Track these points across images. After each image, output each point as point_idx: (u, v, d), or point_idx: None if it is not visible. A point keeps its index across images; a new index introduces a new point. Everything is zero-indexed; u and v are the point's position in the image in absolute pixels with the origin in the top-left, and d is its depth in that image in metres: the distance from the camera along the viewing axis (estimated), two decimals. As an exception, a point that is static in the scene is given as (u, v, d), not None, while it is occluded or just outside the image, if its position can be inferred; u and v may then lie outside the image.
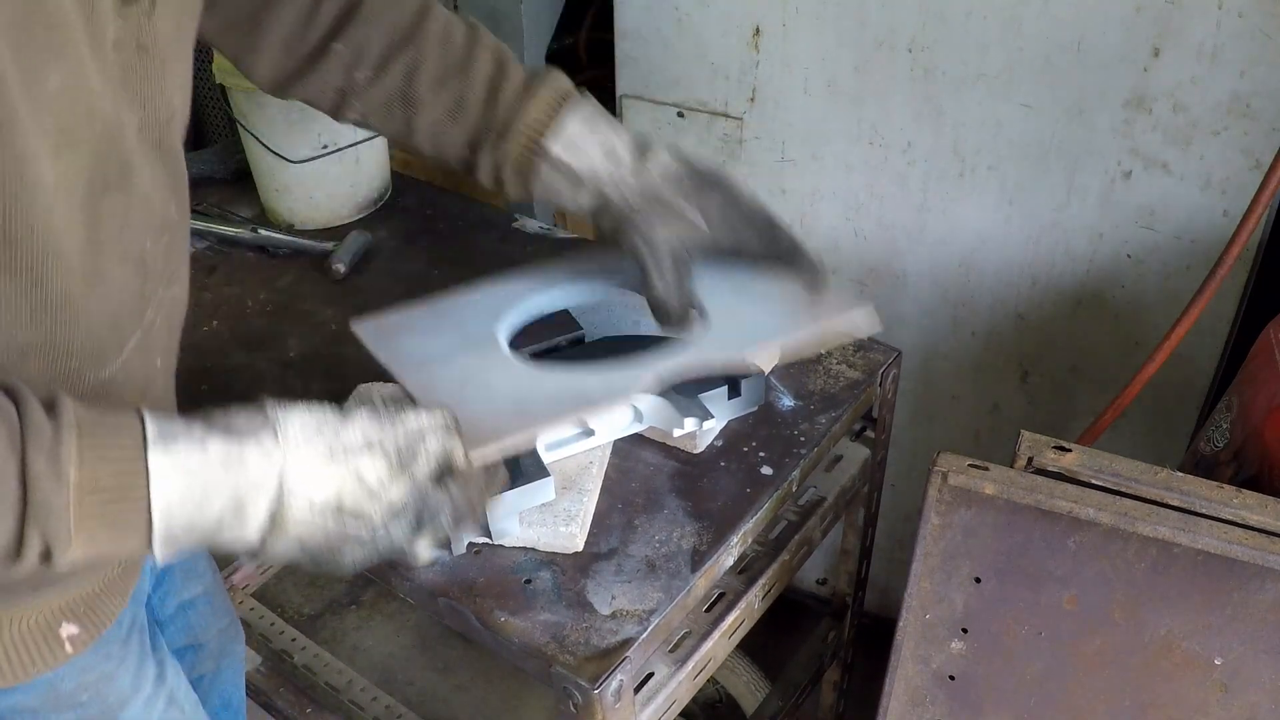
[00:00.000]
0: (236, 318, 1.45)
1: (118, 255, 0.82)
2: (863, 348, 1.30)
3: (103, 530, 0.70)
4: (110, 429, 0.72)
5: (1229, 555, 0.93)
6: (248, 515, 0.74)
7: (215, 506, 0.73)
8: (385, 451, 0.78)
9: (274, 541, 0.76)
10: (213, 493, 0.73)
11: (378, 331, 1.09)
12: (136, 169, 0.82)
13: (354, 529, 0.77)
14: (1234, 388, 1.21)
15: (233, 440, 0.74)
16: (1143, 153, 1.45)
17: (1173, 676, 1.01)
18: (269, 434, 0.75)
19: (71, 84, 0.71)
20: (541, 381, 0.97)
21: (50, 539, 0.68)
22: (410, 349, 1.05)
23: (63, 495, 0.68)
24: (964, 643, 1.08)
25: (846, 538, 1.49)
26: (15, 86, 0.67)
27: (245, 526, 0.75)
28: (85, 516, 0.69)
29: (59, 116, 0.71)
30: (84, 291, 0.79)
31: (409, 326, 1.09)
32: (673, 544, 1.06)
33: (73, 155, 0.74)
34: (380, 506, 0.78)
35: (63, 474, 0.68)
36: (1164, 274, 1.52)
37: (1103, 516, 0.96)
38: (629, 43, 1.76)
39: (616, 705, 0.97)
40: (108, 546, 0.71)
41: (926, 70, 1.53)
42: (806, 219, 1.76)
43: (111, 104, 0.77)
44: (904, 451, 1.82)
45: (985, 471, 0.99)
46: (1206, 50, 1.35)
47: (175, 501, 0.72)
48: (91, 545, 0.70)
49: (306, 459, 0.75)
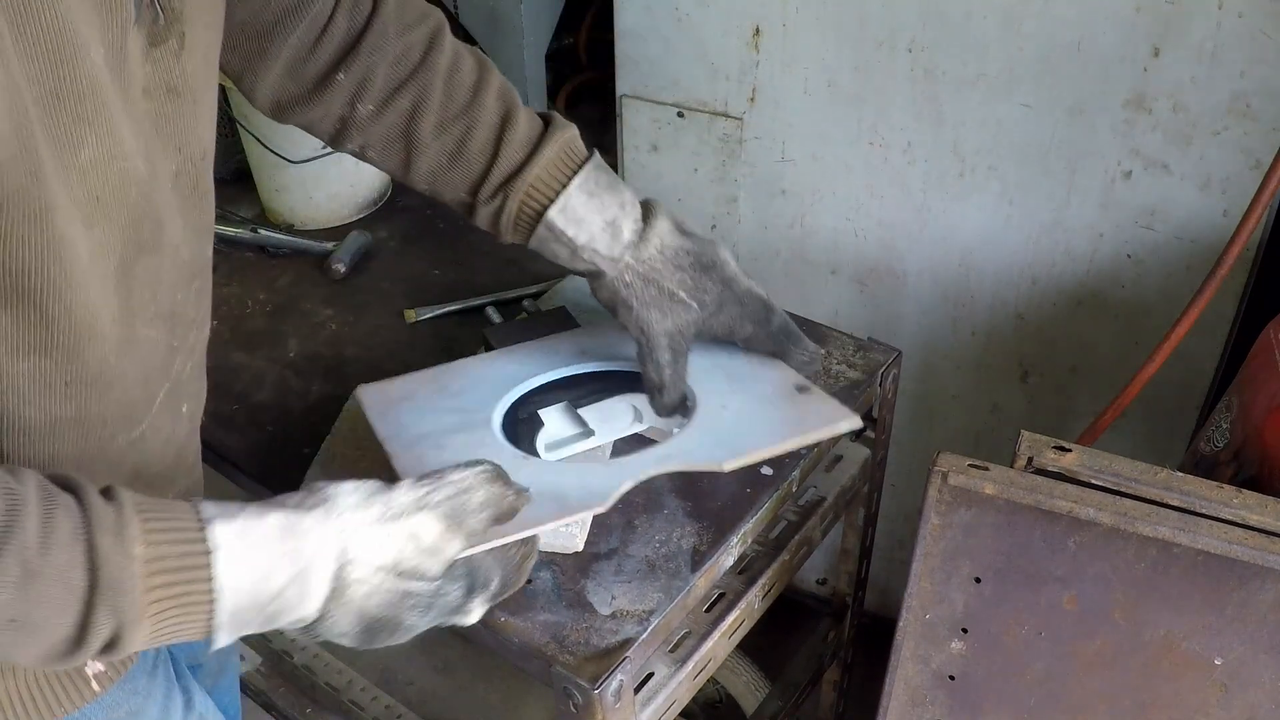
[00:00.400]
0: (236, 318, 1.45)
1: (150, 316, 0.82)
2: (863, 348, 1.30)
3: (169, 609, 0.70)
4: (168, 509, 0.72)
5: (1229, 555, 0.93)
6: (310, 585, 0.74)
7: (279, 578, 0.73)
8: (437, 509, 0.78)
9: (335, 611, 0.75)
10: (276, 564, 0.72)
11: (380, 399, 1.09)
12: (168, 224, 0.82)
13: (415, 589, 0.77)
14: (1234, 388, 1.21)
15: (290, 512, 0.74)
16: (1143, 153, 1.45)
17: (1173, 676, 1.01)
18: (324, 504, 0.75)
19: (103, 152, 0.71)
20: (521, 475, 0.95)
21: (120, 619, 0.68)
22: (407, 423, 1.04)
23: (131, 573, 0.68)
24: (964, 643, 1.08)
25: (846, 538, 1.49)
26: (50, 166, 0.67)
27: (307, 599, 0.74)
28: (153, 595, 0.69)
29: (91, 187, 0.71)
30: (117, 359, 0.79)
31: (409, 397, 1.09)
32: (673, 544, 1.06)
33: (106, 225, 0.74)
34: (439, 563, 0.78)
35: (130, 552, 0.68)
36: (1164, 274, 1.52)
37: (1103, 516, 0.96)
38: (629, 43, 1.76)
39: (616, 705, 0.97)
40: (172, 626, 0.71)
41: (926, 70, 1.53)
42: (806, 219, 1.76)
43: (144, 160, 0.76)
44: (904, 451, 1.82)
45: (985, 471, 0.99)
46: (1206, 50, 1.35)
47: (240, 573, 0.71)
48: (158, 625, 0.70)
49: (363, 523, 0.75)
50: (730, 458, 0.98)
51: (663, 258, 1.04)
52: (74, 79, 0.67)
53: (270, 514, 0.74)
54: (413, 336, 1.40)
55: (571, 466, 1.00)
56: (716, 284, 1.05)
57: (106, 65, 0.70)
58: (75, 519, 0.67)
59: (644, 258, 1.03)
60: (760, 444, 1.00)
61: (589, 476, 0.97)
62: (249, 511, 0.73)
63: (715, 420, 1.05)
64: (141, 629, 0.69)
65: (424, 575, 0.77)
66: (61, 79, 0.66)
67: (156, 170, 0.79)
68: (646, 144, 1.84)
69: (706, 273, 1.05)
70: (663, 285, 1.04)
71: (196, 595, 0.70)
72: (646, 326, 1.04)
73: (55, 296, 0.71)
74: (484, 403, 1.08)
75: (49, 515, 0.66)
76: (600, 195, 1.04)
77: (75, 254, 0.71)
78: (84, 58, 0.67)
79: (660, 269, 1.04)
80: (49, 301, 0.71)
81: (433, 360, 1.17)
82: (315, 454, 1.14)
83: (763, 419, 1.05)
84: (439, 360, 1.17)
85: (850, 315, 1.80)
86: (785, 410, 1.06)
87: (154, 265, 0.81)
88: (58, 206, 0.68)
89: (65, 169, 0.68)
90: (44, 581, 0.65)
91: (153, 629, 0.70)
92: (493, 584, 0.82)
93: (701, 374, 1.11)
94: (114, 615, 0.67)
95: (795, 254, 1.80)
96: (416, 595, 0.77)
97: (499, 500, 0.80)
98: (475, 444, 1.02)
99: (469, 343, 1.34)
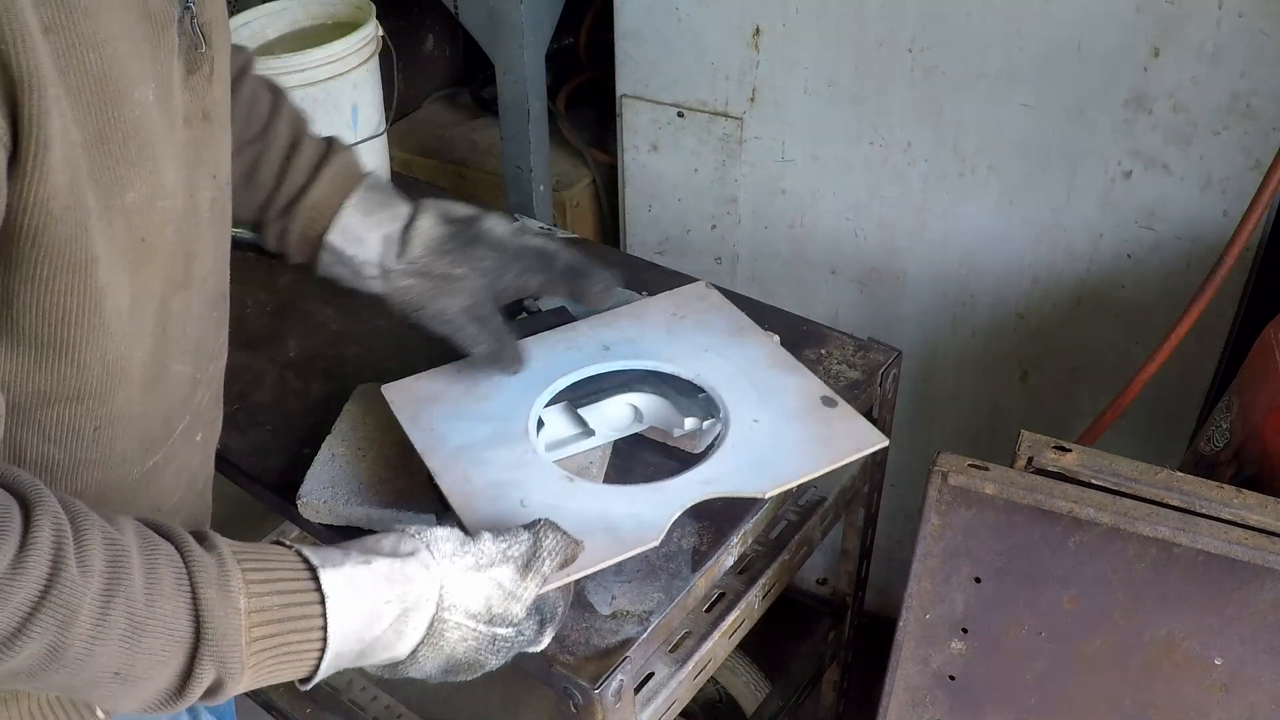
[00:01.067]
0: (236, 318, 1.44)
1: (178, 351, 0.84)
2: (863, 348, 1.30)
3: (272, 659, 0.71)
4: (267, 556, 0.73)
5: (1229, 555, 0.93)
6: (408, 629, 0.77)
7: (384, 621, 0.75)
8: (515, 560, 0.83)
9: (425, 653, 0.79)
10: (381, 610, 0.75)
11: (406, 400, 1.10)
12: (200, 257, 0.83)
13: (501, 634, 0.81)
14: (1234, 388, 1.21)
15: (395, 559, 0.77)
16: (1143, 153, 1.45)
17: (1173, 677, 1.01)
18: (425, 551, 0.79)
19: (146, 192, 0.71)
20: (570, 500, 0.99)
21: (224, 670, 0.69)
22: (441, 432, 1.06)
23: (236, 625, 0.69)
24: (964, 643, 1.08)
25: (846, 538, 1.49)
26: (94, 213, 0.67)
27: (402, 641, 0.77)
28: (256, 645, 0.70)
29: (136, 229, 0.72)
30: (143, 396, 0.80)
31: (436, 399, 1.10)
32: (673, 544, 1.06)
33: (150, 267, 0.75)
34: (521, 608, 0.82)
35: (235, 605, 0.69)
36: (1164, 274, 1.52)
37: (1103, 516, 0.96)
38: (629, 43, 1.76)
39: (617, 705, 0.97)
40: (272, 676, 0.72)
41: (926, 70, 1.53)
42: (806, 219, 1.76)
43: (184, 193, 0.77)
44: (904, 451, 1.82)
45: (985, 471, 0.99)
46: (1206, 50, 1.35)
47: (349, 619, 0.73)
48: (259, 674, 0.71)
49: (460, 571, 0.80)
50: (771, 485, 1.00)
51: (429, 250, 1.06)
52: (120, 120, 0.67)
53: (375, 561, 0.76)
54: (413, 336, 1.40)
55: (618, 491, 1.02)
56: (489, 250, 1.07)
57: (156, 100, 0.70)
58: (178, 570, 0.68)
59: (411, 258, 1.06)
60: (797, 471, 1.02)
61: (638, 503, 0.99)
62: (353, 558, 0.76)
63: (748, 438, 1.06)
64: (244, 677, 0.71)
65: (509, 621, 0.81)
66: (107, 121, 0.66)
67: (195, 201, 0.80)
68: (646, 144, 1.84)
69: (475, 244, 1.07)
70: (438, 273, 1.06)
71: (307, 644, 0.73)
72: (442, 314, 1.07)
73: (92, 345, 0.72)
74: (514, 409, 1.09)
75: (152, 568, 0.67)
76: (376, 213, 1.07)
77: (116, 304, 0.72)
78: (129, 97, 0.67)
79: (429, 261, 1.06)
80: (85, 352, 0.72)
81: (433, 361, 1.17)
82: (315, 454, 1.14)
83: (795, 439, 1.05)
84: (439, 360, 1.16)
85: (850, 315, 1.80)
86: (815, 428, 1.06)
87: (185, 300, 0.82)
88: (100, 256, 0.68)
89: (109, 212, 0.68)
90: (150, 635, 0.66)
91: (254, 676, 0.71)
92: (559, 613, 0.87)
93: (727, 380, 1.12)
94: (217, 667, 0.69)
95: (795, 254, 1.80)
96: (503, 640, 0.82)
97: (564, 548, 0.86)
98: (515, 460, 1.03)
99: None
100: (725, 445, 1.05)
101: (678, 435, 1.12)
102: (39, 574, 0.62)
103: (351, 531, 1.08)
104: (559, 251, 1.10)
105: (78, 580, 0.63)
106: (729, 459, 1.04)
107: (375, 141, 1.62)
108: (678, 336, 1.18)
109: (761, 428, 1.07)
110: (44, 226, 0.65)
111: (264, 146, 1.06)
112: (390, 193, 1.10)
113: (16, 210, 0.63)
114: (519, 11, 1.71)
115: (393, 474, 1.09)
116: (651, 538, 0.95)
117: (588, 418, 1.11)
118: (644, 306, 1.24)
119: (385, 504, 1.07)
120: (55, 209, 0.64)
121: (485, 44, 1.80)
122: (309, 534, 1.13)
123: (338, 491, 1.08)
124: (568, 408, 1.12)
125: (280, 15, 1.59)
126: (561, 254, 1.10)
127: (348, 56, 1.48)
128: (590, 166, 2.07)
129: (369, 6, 1.55)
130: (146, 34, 0.69)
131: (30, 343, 0.69)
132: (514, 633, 0.82)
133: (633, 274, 1.41)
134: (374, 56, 1.54)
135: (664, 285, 1.33)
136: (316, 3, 1.61)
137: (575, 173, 2.08)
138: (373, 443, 1.12)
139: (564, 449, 1.11)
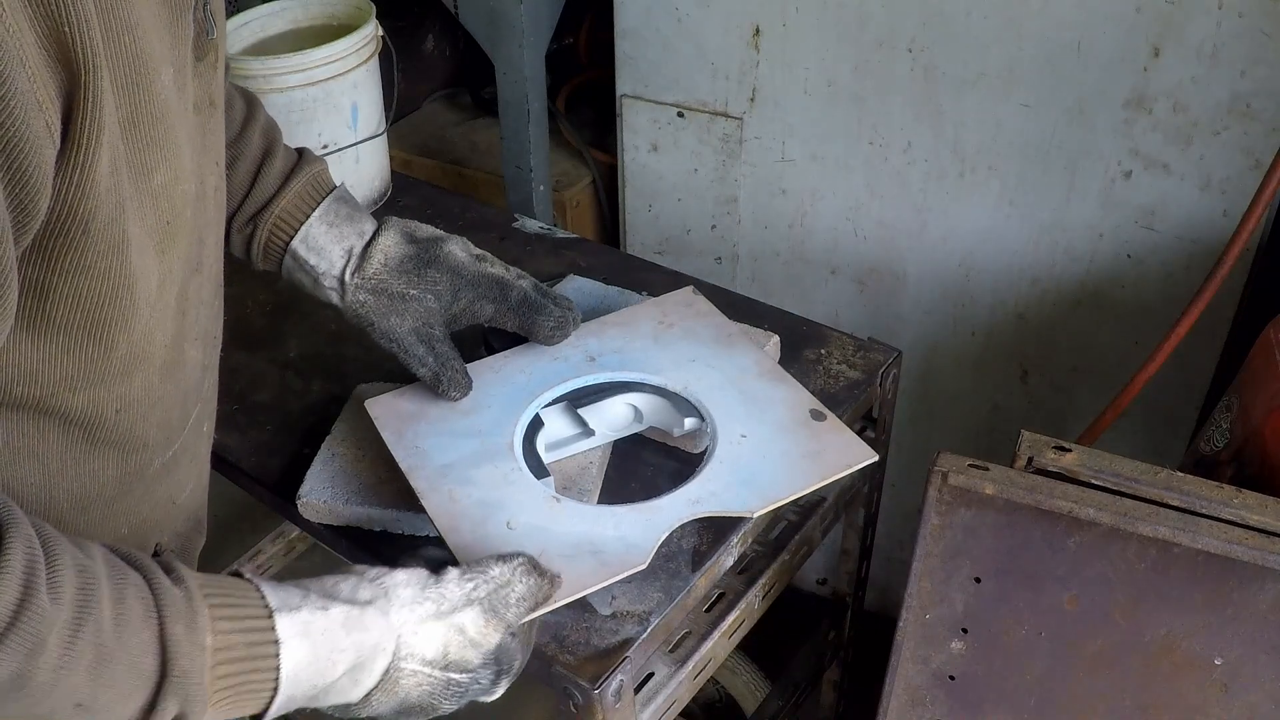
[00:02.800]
0: (236, 318, 1.44)
1: (194, 336, 0.84)
2: (863, 348, 1.30)
3: (231, 697, 0.71)
4: (232, 593, 0.73)
5: (1229, 555, 0.93)
6: (363, 677, 0.77)
7: (337, 670, 0.75)
8: (482, 604, 0.82)
9: (379, 699, 0.79)
10: (336, 658, 0.75)
11: (391, 415, 1.10)
12: (208, 241, 0.83)
13: (456, 679, 0.81)
14: (1234, 388, 1.21)
15: (353, 605, 0.77)
16: (1143, 153, 1.45)
17: (1173, 676, 1.01)
18: (381, 599, 0.78)
19: (171, 175, 0.72)
20: (557, 522, 0.98)
21: (187, 706, 0.69)
22: (425, 449, 1.05)
23: (201, 663, 0.69)
24: (964, 643, 1.08)
25: (846, 538, 1.49)
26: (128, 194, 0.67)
27: (357, 688, 0.77)
28: (219, 684, 0.70)
29: (162, 212, 0.72)
30: (160, 381, 0.80)
31: (420, 415, 1.10)
32: (673, 544, 1.06)
33: (173, 250, 0.75)
34: (480, 655, 0.82)
35: (201, 642, 0.69)
36: (1164, 274, 1.52)
37: (1103, 516, 0.96)
38: (629, 43, 1.76)
39: (617, 705, 0.97)
40: (231, 710, 0.72)
41: (926, 70, 1.53)
42: (806, 219, 1.76)
43: (195, 178, 0.77)
44: (904, 451, 1.82)
45: (985, 471, 0.99)
46: (1206, 50, 1.35)
47: (302, 665, 0.73)
48: (219, 710, 0.71)
49: (419, 618, 0.79)
50: (759, 504, 1.00)
51: (386, 268, 1.07)
52: (149, 103, 0.68)
53: (332, 608, 0.76)
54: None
55: (605, 512, 1.01)
56: (445, 274, 1.08)
57: (175, 85, 0.71)
58: (146, 602, 0.68)
59: (369, 274, 1.07)
60: (785, 489, 1.01)
61: (625, 525, 0.99)
62: (311, 601, 0.75)
63: (736, 454, 1.05)
64: (205, 714, 0.70)
65: (466, 667, 0.81)
66: (139, 104, 0.67)
67: (204, 187, 0.80)
68: (646, 144, 1.84)
69: (431, 267, 1.08)
70: (393, 291, 1.07)
71: (260, 684, 0.72)
72: (391, 333, 1.07)
73: (122, 327, 0.72)
74: (499, 424, 1.09)
75: (120, 598, 0.66)
76: (340, 225, 1.08)
77: (146, 286, 0.72)
78: (155, 80, 0.68)
79: (386, 278, 1.07)
80: (115, 333, 0.72)
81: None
82: (315, 454, 1.14)
83: (784, 455, 1.05)
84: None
85: (850, 315, 1.80)
86: (804, 443, 1.06)
87: (199, 284, 0.83)
88: (132, 239, 0.69)
89: (140, 195, 0.69)
90: (115, 666, 0.65)
91: (214, 713, 0.71)
92: (515, 665, 0.86)
93: (714, 391, 1.11)
94: (180, 703, 0.68)
95: (795, 254, 1.80)
96: (456, 684, 0.81)
97: (536, 592, 0.86)
98: (500, 479, 1.02)
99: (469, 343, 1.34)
100: (713, 460, 1.04)
101: (678, 435, 1.12)
102: (9, 599, 0.60)
103: (351, 531, 1.09)
104: (517, 282, 1.10)
105: (48, 608, 0.62)
106: (717, 476, 1.03)
107: (375, 141, 1.62)
108: (664, 346, 1.17)
109: (748, 443, 1.06)
110: (94, 212, 0.65)
111: (236, 154, 1.06)
112: (356, 207, 1.11)
113: (74, 198, 0.64)
114: (519, 11, 1.71)
115: (392, 474, 1.08)
116: (639, 561, 0.95)
117: (588, 418, 1.11)
118: (631, 314, 1.23)
119: (385, 504, 1.07)
120: (101, 192, 0.65)
121: (485, 44, 1.80)
122: (309, 534, 1.13)
123: (338, 491, 1.09)
124: (568, 408, 1.12)
125: (280, 15, 1.59)
126: (519, 286, 1.10)
127: (348, 56, 1.48)
128: (590, 166, 2.07)
129: (369, 6, 1.55)
130: (166, 19, 0.70)
131: (61, 329, 0.69)
132: (469, 679, 0.81)
133: (633, 274, 1.41)
134: (374, 56, 1.54)
135: (664, 285, 1.33)
136: (316, 3, 1.61)
137: (575, 173, 2.08)
138: (373, 443, 1.12)
139: (564, 449, 1.11)
